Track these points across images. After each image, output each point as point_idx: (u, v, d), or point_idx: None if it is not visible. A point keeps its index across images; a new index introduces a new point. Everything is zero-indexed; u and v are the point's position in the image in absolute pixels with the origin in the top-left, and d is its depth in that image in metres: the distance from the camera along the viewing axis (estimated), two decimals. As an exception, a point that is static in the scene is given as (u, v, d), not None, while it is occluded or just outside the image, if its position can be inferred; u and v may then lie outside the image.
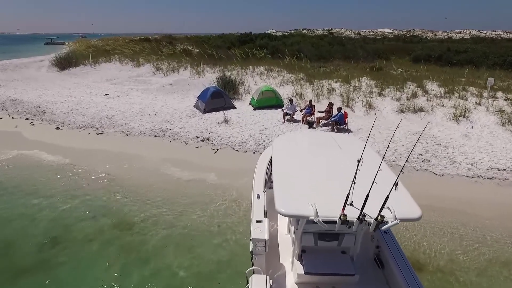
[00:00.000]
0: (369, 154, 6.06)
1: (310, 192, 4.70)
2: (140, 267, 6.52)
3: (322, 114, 14.06)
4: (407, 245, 7.03)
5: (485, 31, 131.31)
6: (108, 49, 37.99)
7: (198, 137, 13.10)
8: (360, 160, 4.21)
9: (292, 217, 4.85)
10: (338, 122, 13.16)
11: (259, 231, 5.40)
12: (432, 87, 18.16)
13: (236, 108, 16.54)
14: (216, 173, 10.23)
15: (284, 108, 14.77)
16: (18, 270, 6.49)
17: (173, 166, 10.75)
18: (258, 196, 6.67)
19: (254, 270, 5.10)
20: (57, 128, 14.72)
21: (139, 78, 25.11)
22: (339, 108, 13.34)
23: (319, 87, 18.92)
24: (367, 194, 3.98)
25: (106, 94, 20.14)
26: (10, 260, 6.76)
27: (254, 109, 16.26)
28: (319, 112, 14.18)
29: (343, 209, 4.05)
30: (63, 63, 30.57)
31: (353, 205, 4.18)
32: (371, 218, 4.08)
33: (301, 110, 14.50)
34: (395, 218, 4.14)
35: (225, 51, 35.67)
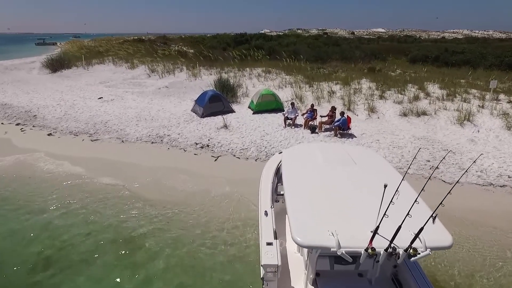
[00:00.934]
0: (391, 173, 5.69)
1: (329, 218, 4.28)
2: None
3: (325, 119, 13.69)
4: (422, 263, 6.67)
5: (477, 31, 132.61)
6: (102, 51, 37.22)
7: (197, 144, 12.64)
8: (386, 186, 3.78)
9: (311, 248, 4.39)
10: (342, 127, 12.81)
11: (270, 256, 4.99)
12: (433, 89, 17.92)
13: (235, 112, 16.10)
14: (218, 184, 9.78)
15: (285, 113, 14.37)
16: (8, 296, 6.00)
17: (173, 176, 10.27)
18: (266, 213, 6.27)
19: None
20: (49, 135, 14.13)
21: (134, 81, 24.52)
22: (342, 113, 12.98)
23: (319, 90, 18.56)
24: (399, 226, 3.56)
25: (100, 98, 19.54)
26: (-1, 285, 6.27)
27: (254, 113, 15.84)
28: (321, 117, 13.81)
29: (371, 241, 3.63)
30: (55, 65, 29.83)
31: (378, 233, 3.79)
32: (400, 249, 3.70)
33: (303, 115, 14.11)
34: (426, 248, 3.76)
35: (221, 52, 35.18)
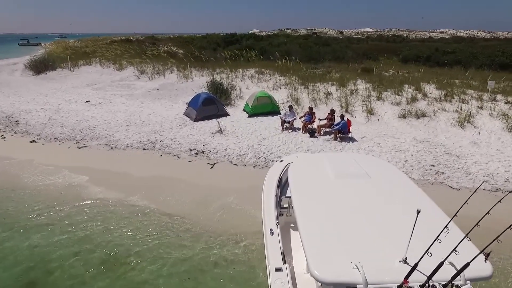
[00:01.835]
0: (409, 187, 5.21)
1: (350, 246, 3.71)
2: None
3: (323, 122, 13.23)
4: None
5: (463, 31, 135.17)
6: (88, 52, 36.04)
7: (192, 150, 12.01)
8: (419, 212, 3.26)
9: (332, 285, 3.85)
10: (342, 131, 12.37)
11: (281, 284, 4.48)
12: (430, 90, 17.71)
13: (230, 116, 15.51)
14: (216, 194, 9.18)
15: (282, 116, 13.85)
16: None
17: (167, 187, 9.62)
18: (271, 232, 5.73)
19: None
20: (33, 142, 13.28)
21: (123, 83, 23.64)
22: (342, 116, 12.55)
23: (315, 91, 18.13)
24: (442, 262, 3.06)
25: (87, 101, 18.67)
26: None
27: (249, 116, 15.28)
28: (320, 120, 13.36)
29: (406, 279, 3.11)
30: (39, 66, 28.55)
31: (407, 262, 3.29)
32: (438, 284, 3.21)
33: (301, 118, 13.62)
34: (465, 281, 3.28)
35: (212, 53, 34.50)
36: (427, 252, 3.04)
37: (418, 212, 3.17)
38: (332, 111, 13.31)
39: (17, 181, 10.04)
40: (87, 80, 24.77)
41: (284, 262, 4.99)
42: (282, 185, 7.79)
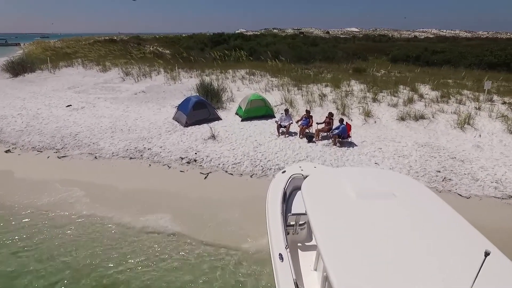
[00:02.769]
0: (440, 207, 4.65)
1: (386, 283, 3.26)
2: None
3: (321, 126, 12.63)
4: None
5: (445, 30, 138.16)
6: (70, 52, 34.51)
7: (183, 158, 11.19)
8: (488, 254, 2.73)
9: None
10: (341, 136, 11.79)
11: None
12: (426, 91, 17.39)
13: (222, 120, 14.73)
14: (211, 208, 8.41)
15: (278, 120, 13.16)
16: None
17: (157, 201, 8.79)
18: (281, 257, 5.12)
19: None
20: (8, 151, 12.19)
21: (107, 85, 22.49)
22: (342, 120, 11.97)
23: (309, 93, 17.54)
24: None
25: (69, 106, 17.54)
26: None
27: (242, 120, 14.54)
28: (318, 124, 12.75)
29: None
30: (17, 68, 27.05)
31: None
32: None
33: (297, 122, 12.98)
34: None
35: (200, 53, 33.60)
36: None
37: (487, 255, 2.67)
38: (331, 115, 12.71)
39: (-11, 198, 9.02)
40: (69, 83, 23.48)
41: None
42: (287, 200, 7.13)
